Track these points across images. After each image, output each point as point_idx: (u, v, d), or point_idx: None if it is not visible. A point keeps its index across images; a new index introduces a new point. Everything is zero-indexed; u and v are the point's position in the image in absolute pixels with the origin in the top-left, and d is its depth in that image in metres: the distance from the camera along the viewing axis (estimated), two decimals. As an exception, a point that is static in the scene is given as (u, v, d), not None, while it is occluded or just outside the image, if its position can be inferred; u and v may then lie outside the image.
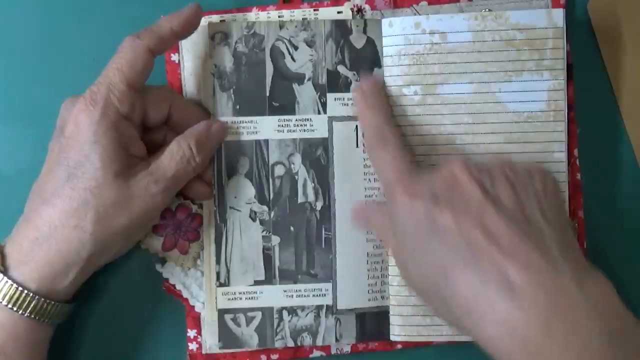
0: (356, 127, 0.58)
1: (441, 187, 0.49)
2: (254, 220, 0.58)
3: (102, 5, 0.61)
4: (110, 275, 0.59)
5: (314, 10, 0.59)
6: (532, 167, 0.50)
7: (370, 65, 0.58)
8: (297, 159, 0.58)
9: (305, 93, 0.58)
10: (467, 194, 0.47)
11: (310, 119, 0.58)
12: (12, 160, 0.60)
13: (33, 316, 0.51)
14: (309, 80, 0.58)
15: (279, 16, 0.59)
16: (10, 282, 0.50)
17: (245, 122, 0.58)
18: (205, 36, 0.58)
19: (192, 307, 0.59)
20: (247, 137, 0.58)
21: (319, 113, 0.58)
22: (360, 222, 0.58)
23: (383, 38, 0.58)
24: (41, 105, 0.59)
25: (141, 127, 0.55)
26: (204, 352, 0.58)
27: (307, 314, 0.58)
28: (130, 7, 0.61)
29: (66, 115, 0.52)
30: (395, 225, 0.51)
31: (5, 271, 0.50)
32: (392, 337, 0.58)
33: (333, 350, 0.59)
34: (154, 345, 0.60)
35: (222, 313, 0.58)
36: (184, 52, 0.59)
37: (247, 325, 0.58)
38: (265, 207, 0.58)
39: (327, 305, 0.58)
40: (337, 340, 0.58)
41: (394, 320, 0.58)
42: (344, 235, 0.58)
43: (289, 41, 0.58)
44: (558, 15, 0.57)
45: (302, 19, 0.59)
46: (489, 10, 0.58)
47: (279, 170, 0.58)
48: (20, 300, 0.50)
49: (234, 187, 0.58)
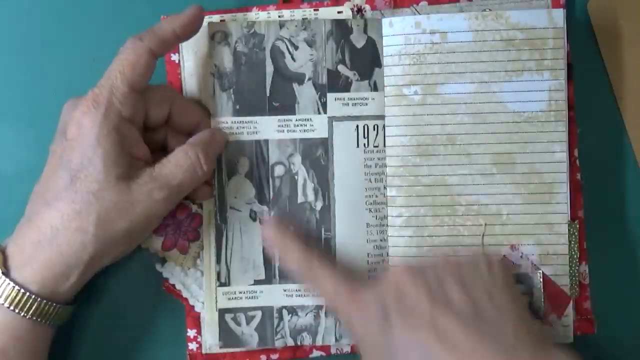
0: (357, 126, 0.58)
1: (389, 299, 0.49)
2: (254, 220, 0.58)
3: (102, 5, 0.61)
4: (110, 276, 0.59)
5: (314, 10, 0.59)
6: (476, 257, 0.51)
7: (371, 65, 0.58)
8: (297, 159, 0.58)
9: (305, 93, 0.58)
10: (416, 302, 0.48)
11: (310, 119, 0.58)
12: (12, 160, 0.60)
13: (34, 318, 0.51)
14: (309, 80, 0.58)
15: (279, 16, 0.59)
16: (12, 284, 0.50)
17: (245, 122, 0.58)
18: (205, 36, 0.58)
19: (192, 307, 0.59)
20: (247, 137, 0.58)
21: (319, 113, 0.58)
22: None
23: (383, 38, 0.58)
24: (41, 105, 0.60)
25: (142, 127, 0.55)
26: (204, 352, 0.58)
27: (307, 314, 0.58)
28: (130, 7, 0.61)
29: (68, 117, 0.52)
30: (355, 334, 0.52)
31: (6, 273, 0.50)
32: (392, 337, 0.58)
33: (333, 350, 0.59)
34: (154, 345, 0.60)
35: (222, 312, 0.58)
36: (184, 52, 0.59)
37: (248, 324, 0.58)
38: (265, 207, 0.58)
39: (327, 306, 0.58)
40: (336, 340, 0.58)
41: (394, 320, 0.58)
42: (343, 235, 0.58)
43: (289, 41, 0.58)
44: (558, 15, 0.57)
45: (302, 18, 0.59)
46: (489, 10, 0.58)
47: (279, 171, 0.58)
48: (22, 302, 0.50)
49: (234, 187, 0.58)
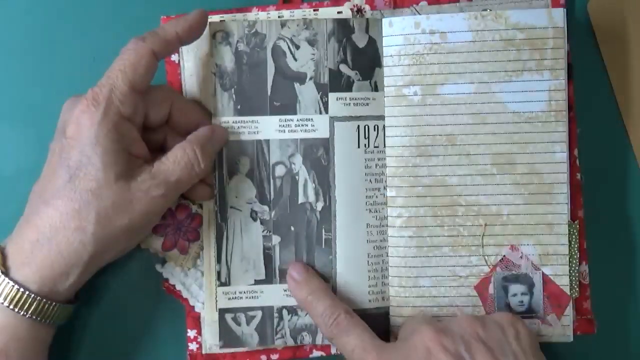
0: (358, 127, 0.58)
1: None
2: (254, 220, 0.58)
3: (102, 5, 0.61)
4: (110, 275, 0.59)
5: (314, 10, 0.59)
6: (501, 319, 0.51)
7: (372, 65, 0.58)
8: (298, 159, 0.58)
9: (306, 93, 0.58)
10: None
11: (312, 119, 0.58)
12: (12, 160, 0.60)
13: (34, 317, 0.51)
14: (310, 79, 0.58)
15: (279, 16, 0.59)
16: (12, 283, 0.50)
17: (247, 121, 0.58)
18: (206, 36, 0.57)
19: (192, 307, 0.59)
20: (248, 136, 0.58)
21: (320, 113, 0.58)
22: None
23: (383, 38, 0.58)
24: (41, 105, 0.60)
25: (142, 127, 0.55)
26: (204, 352, 0.58)
27: (306, 314, 0.57)
28: (130, 7, 0.61)
29: (67, 115, 0.52)
30: None
31: (6, 272, 0.50)
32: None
33: (333, 350, 0.59)
34: (154, 345, 0.60)
35: (222, 312, 0.58)
36: (184, 52, 0.59)
37: (248, 324, 0.58)
38: (265, 207, 0.58)
39: None
40: (337, 340, 0.58)
41: (394, 321, 0.58)
42: (344, 236, 0.58)
43: (291, 40, 0.58)
44: (558, 15, 0.57)
45: (304, 18, 0.59)
46: (489, 10, 0.58)
47: (280, 171, 0.58)
48: (22, 301, 0.50)
49: (234, 186, 0.58)
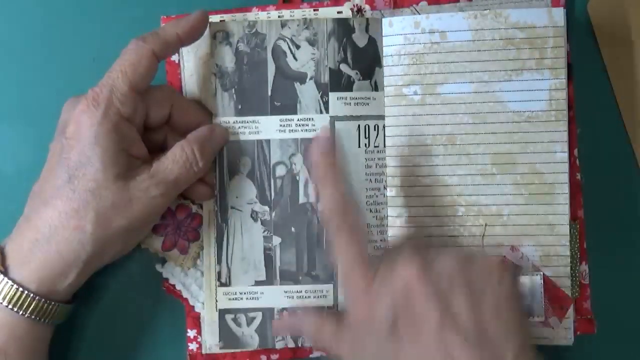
0: (358, 126, 0.58)
1: (399, 298, 0.48)
2: (255, 220, 0.58)
3: (102, 5, 0.61)
4: (110, 275, 0.59)
5: (314, 10, 0.59)
6: (491, 263, 0.50)
7: (372, 65, 0.58)
8: (299, 159, 0.58)
9: (307, 92, 0.58)
10: (425, 311, 0.48)
11: (312, 119, 0.58)
12: (12, 160, 0.60)
13: (33, 317, 0.51)
14: (311, 79, 0.58)
15: (278, 16, 0.59)
16: (10, 282, 0.50)
17: (247, 122, 0.58)
18: (206, 36, 0.57)
19: (192, 307, 0.58)
20: (249, 137, 0.58)
21: (320, 113, 0.58)
22: (291, 330, 0.57)
23: (383, 38, 0.58)
24: (41, 105, 0.60)
25: (142, 127, 0.55)
26: (204, 352, 0.58)
27: None
28: (130, 7, 0.61)
29: (67, 115, 0.52)
30: (354, 341, 0.51)
31: (5, 272, 0.50)
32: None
33: (333, 351, 0.59)
34: (154, 345, 0.60)
35: (222, 313, 0.58)
36: (184, 52, 0.59)
37: (248, 325, 0.58)
38: (266, 208, 0.58)
39: (327, 307, 0.58)
40: (337, 340, 0.58)
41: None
42: (345, 236, 0.58)
43: (291, 40, 0.58)
44: (558, 14, 0.57)
45: (304, 18, 0.58)
46: (489, 10, 0.58)
47: (281, 171, 0.58)
48: (21, 300, 0.50)
49: (235, 187, 0.58)
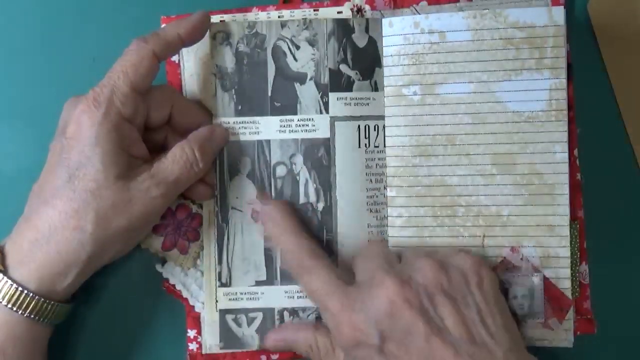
0: (358, 126, 0.58)
1: (383, 318, 0.48)
2: (255, 220, 0.58)
3: (102, 5, 0.61)
4: (110, 275, 0.59)
5: (314, 10, 0.59)
6: (465, 265, 0.51)
7: (372, 65, 0.58)
8: (299, 159, 0.58)
9: (307, 93, 0.58)
10: (411, 326, 0.48)
11: (312, 119, 0.58)
12: (12, 160, 0.60)
13: (32, 316, 0.51)
14: (311, 79, 0.58)
15: (278, 16, 0.59)
16: (10, 282, 0.50)
17: (247, 122, 0.58)
18: (207, 36, 0.57)
19: (192, 307, 0.58)
20: (249, 137, 0.58)
21: (320, 113, 0.58)
22: (284, 344, 0.56)
23: (383, 38, 0.58)
24: (41, 105, 0.60)
25: (143, 128, 0.55)
26: (204, 352, 0.58)
27: (308, 315, 0.57)
28: (130, 7, 0.61)
29: (68, 115, 0.52)
30: (345, 347, 0.51)
31: (5, 271, 0.50)
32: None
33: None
34: (154, 345, 0.60)
35: (223, 313, 0.58)
36: (184, 52, 0.59)
37: (249, 325, 0.58)
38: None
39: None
40: (337, 340, 0.58)
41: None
42: (344, 236, 0.58)
43: (291, 40, 0.58)
44: (558, 13, 0.57)
45: (303, 18, 0.58)
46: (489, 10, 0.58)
47: (281, 171, 0.58)
48: (20, 300, 0.50)
49: (235, 187, 0.58)
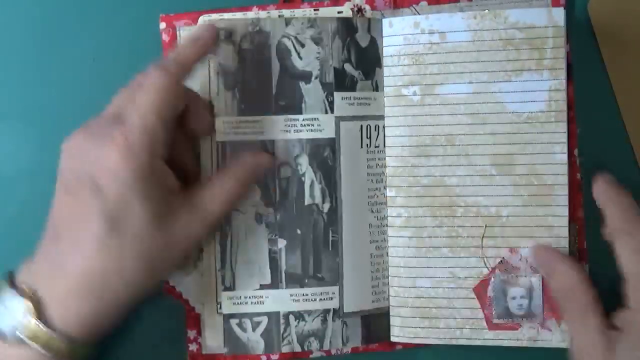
0: (361, 126, 0.57)
1: None
2: (259, 222, 0.57)
3: (102, 5, 0.60)
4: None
5: (314, 10, 0.58)
6: None
7: (373, 65, 0.58)
8: (304, 160, 0.57)
9: (312, 92, 0.57)
10: None
11: (317, 119, 0.57)
12: (12, 160, 0.59)
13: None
14: (316, 78, 0.57)
15: (279, 15, 0.58)
16: (50, 331, 0.48)
17: (251, 121, 0.57)
18: (208, 34, 0.57)
19: (192, 307, 0.58)
20: (253, 137, 0.57)
21: (326, 112, 0.57)
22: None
23: (383, 38, 0.58)
24: (41, 105, 0.59)
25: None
26: (204, 352, 0.58)
27: (314, 319, 0.57)
28: (130, 7, 0.60)
29: (95, 162, 0.49)
30: None
31: (43, 320, 0.48)
32: (393, 338, 0.58)
33: (333, 351, 0.58)
34: (154, 345, 0.59)
35: (227, 318, 0.57)
36: (185, 50, 0.58)
37: (254, 330, 0.57)
38: (271, 210, 0.57)
39: (333, 309, 0.57)
40: (343, 344, 0.57)
41: (393, 321, 0.58)
42: (350, 237, 0.57)
43: (296, 38, 0.57)
44: (558, 14, 0.57)
45: (307, 17, 0.58)
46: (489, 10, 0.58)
47: (285, 172, 0.57)
48: (56, 346, 0.48)
49: (238, 188, 0.57)
